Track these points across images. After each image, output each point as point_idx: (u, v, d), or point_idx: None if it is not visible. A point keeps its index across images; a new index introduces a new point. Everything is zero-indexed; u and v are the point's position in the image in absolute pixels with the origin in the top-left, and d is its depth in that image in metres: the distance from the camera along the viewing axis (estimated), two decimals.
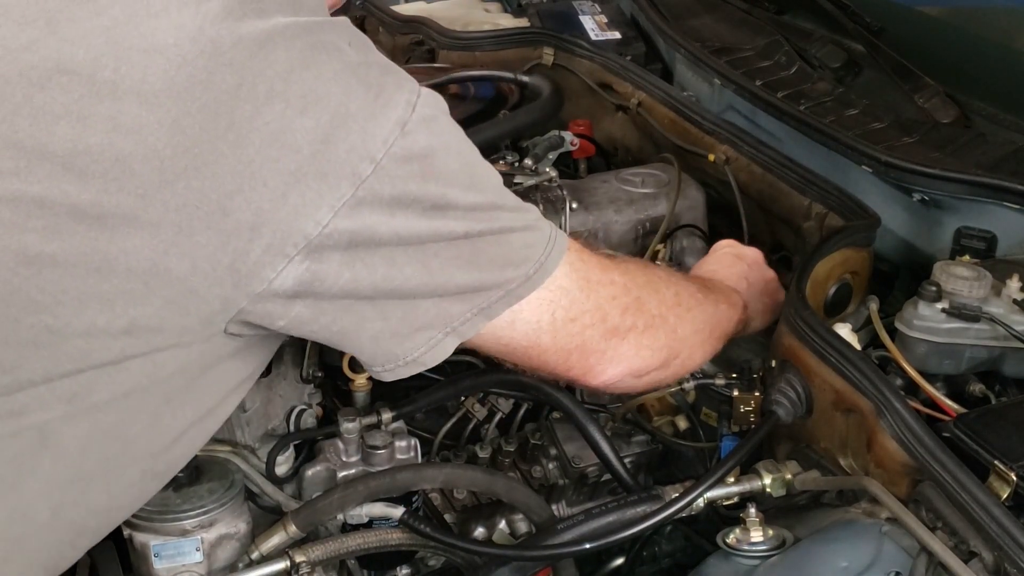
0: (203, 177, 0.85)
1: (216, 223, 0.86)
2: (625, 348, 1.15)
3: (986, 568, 1.02)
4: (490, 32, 2.27)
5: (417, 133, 0.91)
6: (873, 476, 1.15)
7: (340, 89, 0.88)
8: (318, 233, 0.88)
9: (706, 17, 2.24)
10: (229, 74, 0.84)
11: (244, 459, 1.31)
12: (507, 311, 1.03)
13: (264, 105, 0.85)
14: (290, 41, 0.87)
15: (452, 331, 1.01)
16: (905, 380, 1.25)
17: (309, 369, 1.38)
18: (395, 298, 0.96)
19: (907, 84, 1.79)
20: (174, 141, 0.84)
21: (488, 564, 1.23)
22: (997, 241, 1.51)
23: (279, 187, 0.86)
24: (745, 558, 1.14)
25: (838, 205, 1.55)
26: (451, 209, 0.96)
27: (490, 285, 1.01)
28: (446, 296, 0.99)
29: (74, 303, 0.86)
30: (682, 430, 1.49)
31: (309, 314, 0.94)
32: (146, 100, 0.83)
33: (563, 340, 1.09)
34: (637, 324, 1.15)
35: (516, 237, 1.02)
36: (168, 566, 1.19)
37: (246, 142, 0.85)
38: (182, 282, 0.88)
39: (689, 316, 1.23)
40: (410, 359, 1.02)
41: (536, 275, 1.03)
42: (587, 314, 1.10)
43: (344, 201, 0.88)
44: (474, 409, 1.56)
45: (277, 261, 0.89)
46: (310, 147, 0.87)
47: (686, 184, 1.70)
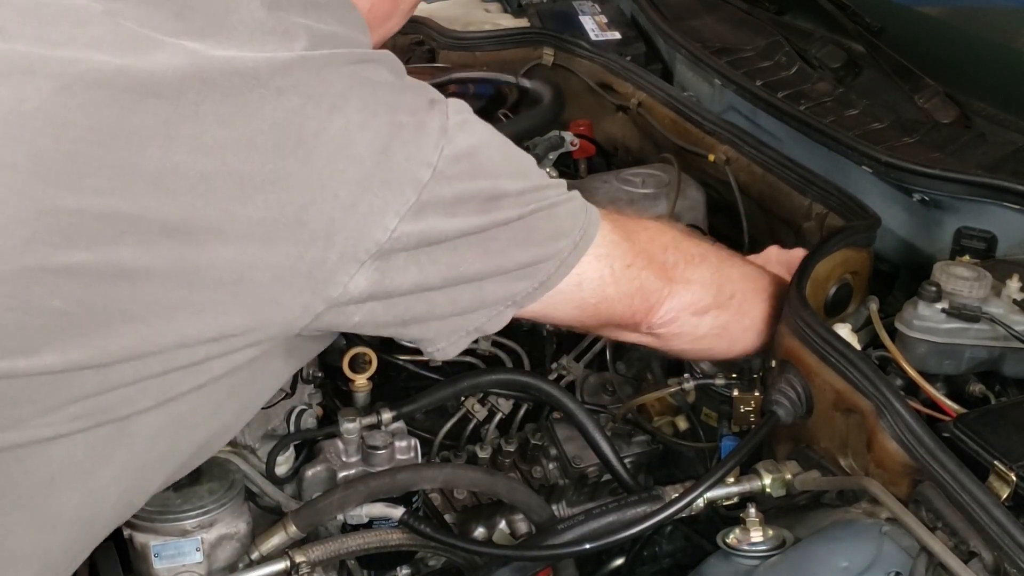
0: (279, 191, 0.91)
1: (294, 234, 0.92)
2: (675, 283, 1.23)
3: (986, 568, 1.02)
4: (490, 32, 2.27)
5: (458, 136, 1.00)
6: (873, 476, 1.15)
7: (389, 105, 0.96)
8: (387, 238, 0.95)
9: (706, 17, 2.24)
10: (295, 95, 0.92)
11: (244, 459, 1.31)
12: (573, 275, 1.11)
13: (327, 121, 0.93)
14: (343, 66, 0.96)
15: (513, 303, 1.09)
16: (905, 380, 1.25)
17: (309, 369, 1.38)
18: (462, 283, 1.04)
19: (907, 84, 1.79)
20: (250, 158, 0.90)
21: (488, 564, 1.23)
22: (997, 241, 1.51)
23: (348, 197, 0.93)
24: (745, 558, 1.14)
25: (838, 205, 1.55)
26: (503, 198, 1.03)
27: (546, 258, 1.09)
28: (509, 274, 1.06)
29: (165, 313, 0.92)
30: (682, 430, 1.49)
31: (382, 308, 1.01)
32: (224, 121, 0.90)
33: (625, 285, 1.18)
34: (679, 260, 1.24)
35: (561, 209, 1.10)
36: (168, 566, 1.20)
37: (314, 156, 0.92)
38: (265, 291, 0.94)
39: (732, 261, 1.33)
40: (472, 328, 1.09)
41: (582, 241, 1.11)
42: (639, 257, 1.19)
43: (409, 206, 0.96)
44: (474, 409, 1.56)
45: (351, 267, 0.95)
46: (372, 158, 0.94)
47: (686, 184, 1.70)
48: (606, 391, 1.60)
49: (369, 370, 1.38)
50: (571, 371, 1.61)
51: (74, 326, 0.89)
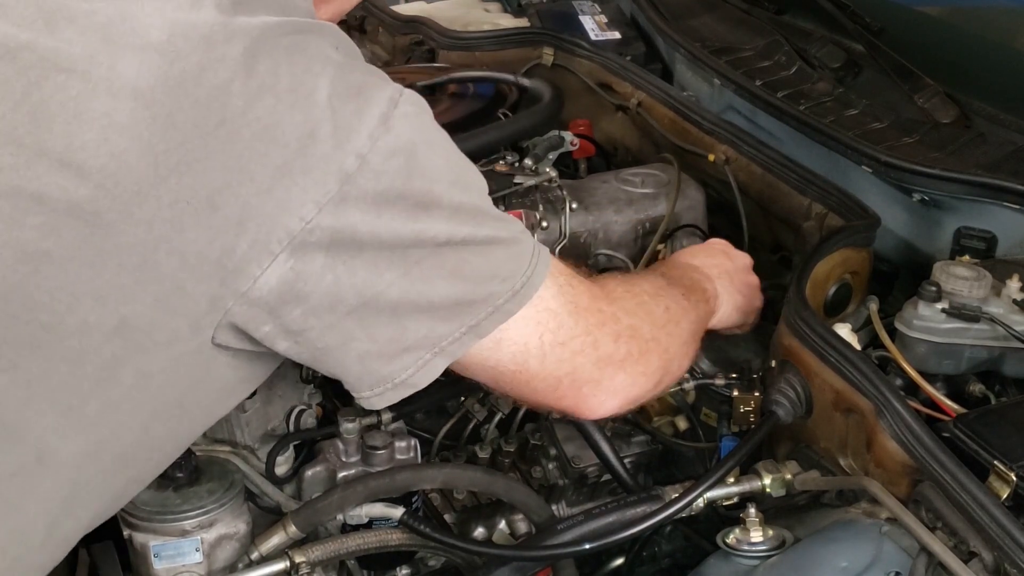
0: (194, 172, 0.85)
1: (205, 219, 0.86)
2: (622, 378, 1.13)
3: (986, 568, 1.02)
4: (490, 32, 2.27)
5: (400, 128, 0.92)
6: (873, 476, 1.15)
7: (327, 86, 0.89)
8: (301, 229, 0.88)
9: (706, 17, 2.24)
10: (221, 69, 0.85)
11: (244, 459, 1.31)
12: (494, 331, 1.01)
13: (255, 100, 0.86)
14: (279, 38, 0.88)
15: (441, 351, 1.00)
16: (905, 380, 1.25)
17: (309, 369, 1.38)
18: (380, 312, 0.95)
19: (907, 84, 1.79)
20: (167, 136, 0.84)
21: (488, 564, 1.22)
22: (997, 241, 1.51)
23: (265, 181, 0.87)
24: (745, 558, 1.14)
25: (838, 205, 1.55)
26: (435, 207, 0.95)
27: (477, 299, 0.99)
28: (433, 313, 0.97)
29: (68, 299, 0.87)
30: (682, 430, 1.48)
31: (294, 325, 0.93)
32: (141, 96, 0.84)
33: (552, 366, 1.06)
34: (632, 352, 1.13)
35: (500, 249, 1.01)
36: (168, 566, 1.19)
37: (236, 137, 0.86)
38: (171, 278, 0.88)
39: (678, 330, 1.21)
40: (398, 380, 1.00)
41: (523, 289, 1.01)
42: (576, 339, 1.07)
43: (329, 197, 0.89)
44: (474, 409, 1.56)
45: (262, 258, 0.89)
46: (297, 142, 0.87)
47: (686, 184, 1.70)
48: None
49: None
50: None
51: None
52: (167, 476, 1.20)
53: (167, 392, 0.96)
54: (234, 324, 0.93)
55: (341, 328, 0.95)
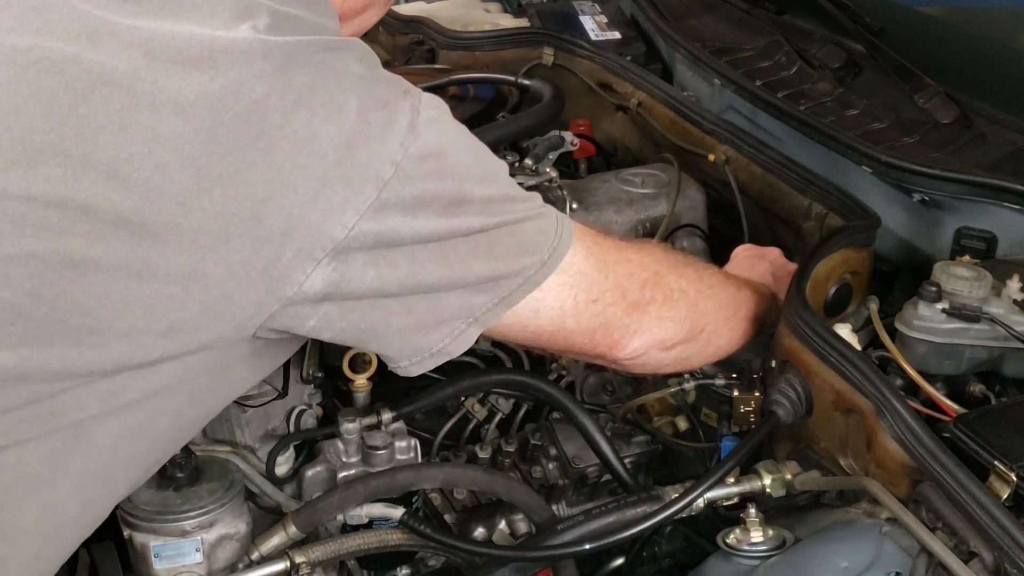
0: (237, 184, 0.89)
1: (250, 229, 0.90)
2: (647, 320, 1.18)
3: (986, 568, 1.02)
4: (490, 32, 2.27)
5: (427, 133, 0.96)
6: (873, 476, 1.15)
7: (355, 99, 0.93)
8: (344, 236, 0.92)
9: (706, 17, 2.24)
10: (259, 85, 0.89)
11: (244, 459, 1.31)
12: (531, 300, 1.07)
13: (292, 114, 0.90)
14: (311, 55, 0.93)
15: (475, 320, 1.05)
16: (905, 380, 1.25)
17: (309, 369, 1.38)
18: (419, 292, 1.00)
19: (907, 84, 1.79)
20: (209, 150, 0.88)
21: (488, 564, 1.23)
22: (997, 241, 1.51)
23: (308, 192, 0.91)
24: (745, 558, 1.14)
25: (838, 205, 1.55)
26: (468, 203, 1.00)
27: (509, 274, 1.04)
28: (468, 287, 1.02)
29: (116, 307, 0.90)
30: (682, 430, 1.48)
31: (338, 313, 0.98)
32: (182, 110, 0.87)
33: (587, 321, 1.13)
34: (656, 297, 1.19)
35: (529, 225, 1.06)
36: (168, 566, 1.19)
37: (276, 149, 0.89)
38: (218, 287, 0.91)
39: (711, 292, 1.27)
40: (435, 349, 1.05)
41: (551, 260, 1.07)
42: (608, 293, 1.14)
43: (369, 204, 0.93)
44: (474, 409, 1.56)
45: (306, 264, 0.92)
46: (335, 153, 0.91)
47: (686, 184, 1.70)
48: (606, 391, 1.60)
49: (369, 370, 1.38)
50: (571, 371, 1.60)
51: (24, 319, 0.88)
52: (167, 476, 1.20)
53: (203, 380, 1.00)
54: (276, 327, 0.97)
55: (382, 308, 0.99)
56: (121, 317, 0.90)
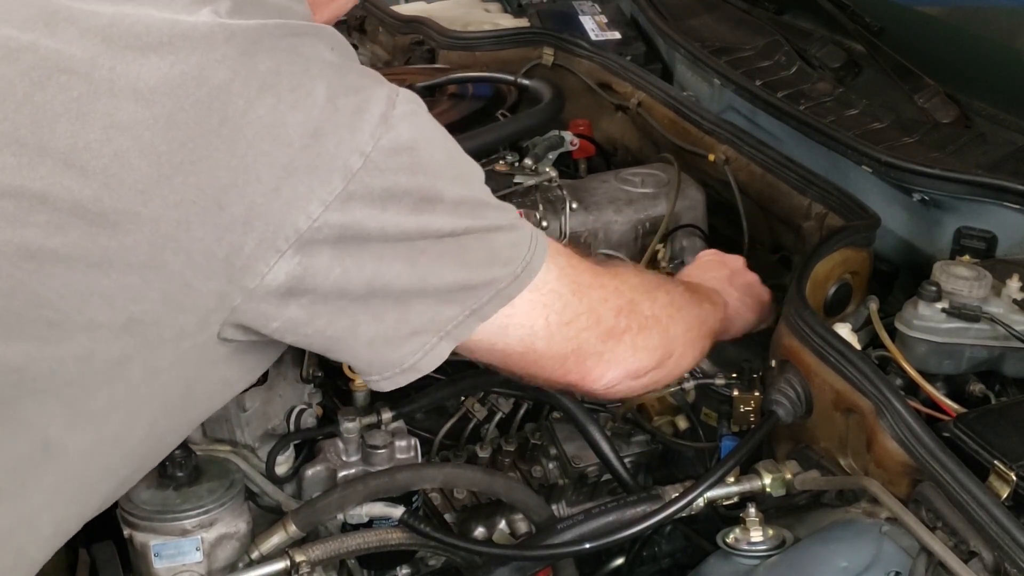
0: (199, 172, 0.86)
1: (212, 217, 0.87)
2: (622, 350, 1.15)
3: (986, 568, 1.02)
4: (490, 32, 2.28)
5: (400, 127, 0.93)
6: (873, 476, 1.15)
7: (325, 86, 0.90)
8: (308, 227, 0.89)
9: (706, 17, 2.24)
10: (221, 70, 0.87)
11: (244, 459, 1.31)
12: (500, 316, 1.03)
13: (256, 99, 0.87)
14: (277, 40, 0.90)
15: (446, 335, 1.01)
16: (905, 380, 1.25)
17: (309, 369, 1.38)
18: (387, 299, 0.96)
19: (907, 84, 1.79)
20: (169, 136, 0.85)
21: (488, 564, 1.23)
22: (997, 241, 1.51)
23: (272, 181, 0.88)
24: (745, 558, 1.14)
25: (838, 205, 1.55)
26: (439, 202, 0.96)
27: (479, 284, 1.01)
28: (437, 297, 0.99)
29: (76, 298, 0.88)
30: (682, 430, 1.48)
31: (303, 316, 0.94)
32: (141, 97, 0.85)
33: (558, 344, 1.09)
34: (631, 325, 1.15)
35: (501, 236, 1.03)
36: (168, 566, 1.19)
37: (239, 136, 0.87)
38: (178, 276, 0.89)
39: (680, 316, 1.23)
40: (407, 365, 1.01)
41: (524, 273, 1.03)
42: (581, 316, 1.10)
43: (335, 195, 0.89)
44: (474, 409, 1.56)
45: (269, 255, 0.89)
46: (301, 141, 0.88)
47: (686, 184, 1.70)
48: None
49: None
50: None
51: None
52: (167, 476, 1.20)
53: (174, 386, 0.97)
54: (241, 323, 0.94)
55: (349, 315, 0.96)
56: (80, 309, 0.88)
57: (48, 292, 0.87)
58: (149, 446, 1.03)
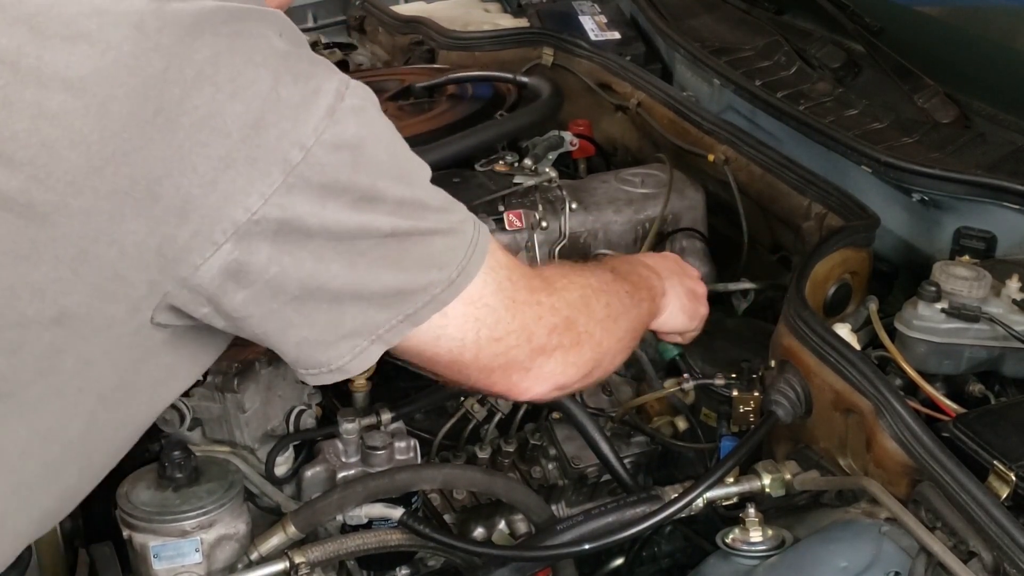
0: (132, 163, 0.84)
1: (145, 209, 0.85)
2: (551, 366, 1.13)
3: (985, 568, 1.02)
4: (490, 32, 2.28)
5: (346, 122, 0.90)
6: (872, 476, 1.15)
7: (270, 75, 0.87)
8: (247, 220, 0.87)
9: (706, 17, 2.24)
10: (156, 58, 0.84)
11: (243, 459, 1.31)
12: (433, 326, 1.01)
13: (193, 89, 0.84)
14: (218, 26, 0.86)
15: (378, 339, 0.99)
16: (905, 380, 1.25)
17: None
18: (321, 301, 0.94)
19: (907, 84, 1.79)
20: (101, 126, 0.83)
21: (487, 564, 1.22)
22: (997, 241, 1.51)
23: (208, 172, 0.85)
24: (744, 558, 1.14)
25: (838, 205, 1.55)
26: (380, 202, 0.94)
27: (414, 289, 0.99)
28: (372, 301, 0.97)
29: (5, 292, 0.86)
30: (681, 431, 1.48)
31: (235, 308, 0.92)
32: (71, 86, 0.83)
33: (486, 359, 1.07)
34: (564, 342, 1.13)
35: (439, 239, 1.00)
36: (167, 567, 1.19)
37: (175, 126, 0.84)
38: (109, 268, 0.87)
39: (615, 327, 1.21)
40: (335, 367, 0.99)
41: (459, 279, 1.01)
42: (512, 334, 1.07)
43: (274, 188, 0.87)
44: (473, 409, 1.56)
45: (205, 247, 0.87)
46: (240, 132, 0.86)
47: (685, 184, 1.70)
48: (605, 391, 1.60)
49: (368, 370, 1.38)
50: None
51: None
52: (166, 477, 1.20)
53: (110, 376, 0.95)
54: (172, 305, 0.92)
55: (281, 315, 0.94)
56: (10, 303, 0.86)
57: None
58: (91, 441, 1.00)
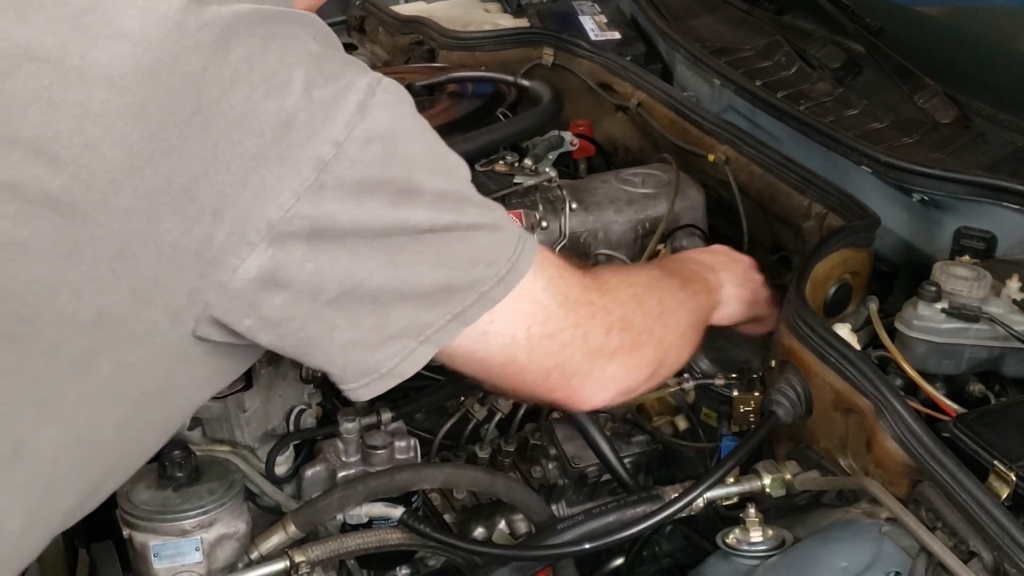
0: (170, 162, 0.85)
1: (181, 208, 0.86)
2: (613, 369, 1.11)
3: (985, 568, 1.02)
4: (490, 32, 2.27)
5: (377, 115, 0.90)
6: (873, 476, 1.15)
7: (302, 75, 0.88)
8: (280, 218, 0.87)
9: (706, 17, 2.24)
10: (195, 58, 0.85)
11: (244, 459, 1.31)
12: (481, 322, 0.99)
13: (230, 88, 0.86)
14: (253, 27, 0.88)
15: (426, 339, 0.98)
16: (905, 380, 1.25)
17: (309, 369, 1.38)
18: (363, 301, 0.93)
19: (907, 84, 1.79)
20: (141, 126, 0.84)
21: (488, 564, 1.22)
22: (997, 241, 1.51)
23: (241, 171, 0.86)
24: (745, 558, 1.14)
25: (838, 205, 1.55)
26: (417, 195, 0.93)
27: (461, 286, 0.97)
28: (418, 301, 0.96)
29: (44, 291, 0.86)
30: (682, 430, 1.49)
31: (276, 314, 0.92)
32: (113, 85, 0.84)
33: (540, 358, 1.05)
34: (624, 344, 1.11)
35: (484, 235, 0.99)
36: (168, 566, 1.19)
37: (211, 125, 0.85)
38: (147, 269, 0.87)
39: (673, 322, 1.20)
40: (384, 371, 0.98)
41: (509, 276, 0.99)
42: (566, 331, 1.06)
43: (307, 185, 0.87)
44: (474, 409, 1.56)
45: (241, 248, 0.88)
46: (272, 131, 0.86)
47: (686, 184, 1.70)
48: None
49: None
50: None
51: None
52: (167, 476, 1.20)
53: (145, 382, 0.95)
54: (215, 318, 0.92)
55: (323, 317, 0.93)
56: (48, 302, 0.86)
57: (17, 286, 0.85)
58: (121, 444, 1.00)
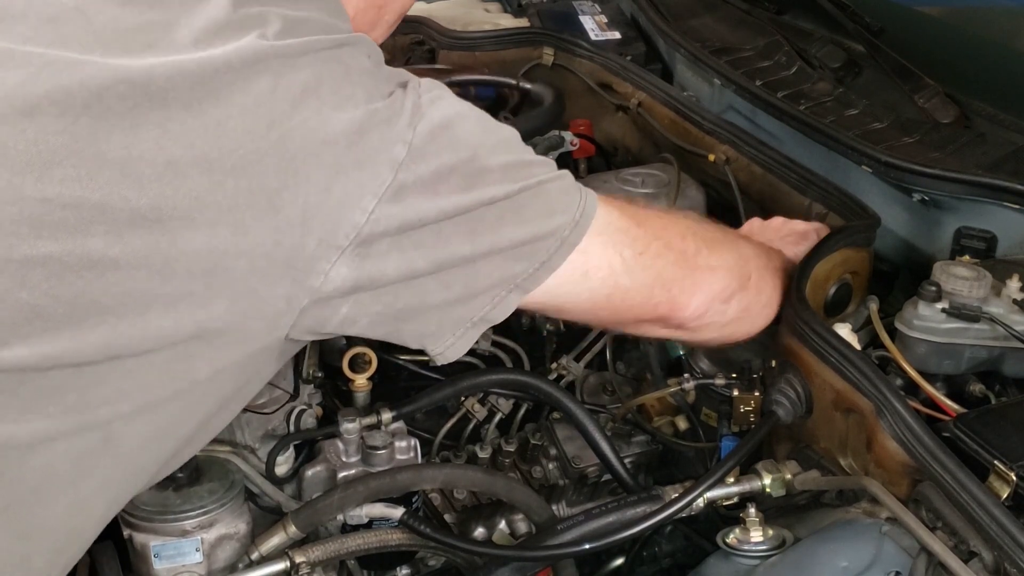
0: (250, 176, 0.89)
1: (268, 221, 0.90)
2: (699, 273, 1.19)
3: (986, 568, 1.02)
4: (490, 32, 2.27)
5: (431, 111, 0.98)
6: (873, 476, 1.15)
7: (363, 90, 0.95)
8: (366, 220, 0.93)
9: (706, 17, 2.24)
10: (266, 77, 0.91)
11: (244, 459, 1.31)
12: (576, 264, 1.06)
13: (300, 103, 0.92)
14: (318, 51, 0.95)
15: (516, 287, 1.04)
16: (905, 380, 1.25)
17: (309, 369, 1.38)
18: (454, 267, 1.00)
19: (907, 84, 1.79)
20: (220, 144, 0.88)
21: (488, 564, 1.23)
22: (997, 241, 1.51)
23: (322, 181, 0.92)
24: (745, 558, 1.14)
25: (838, 205, 1.55)
26: (487, 173, 1.00)
27: (543, 235, 1.04)
28: (506, 254, 1.02)
29: (138, 306, 0.89)
30: (682, 430, 1.49)
31: (369, 298, 0.97)
32: (190, 107, 0.88)
33: (640, 275, 1.13)
34: (701, 247, 1.19)
35: (552, 186, 1.06)
36: (168, 566, 1.20)
37: (287, 139, 0.90)
38: (242, 282, 0.92)
39: (743, 241, 1.30)
40: (476, 318, 1.05)
41: (583, 219, 1.06)
42: (652, 244, 1.14)
43: (386, 186, 0.94)
44: (474, 409, 1.56)
45: (330, 253, 0.93)
46: (346, 139, 0.92)
47: (686, 184, 1.70)
48: (606, 391, 1.60)
49: (369, 370, 1.38)
50: (571, 371, 1.61)
51: (43, 319, 0.87)
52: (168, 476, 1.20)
53: (232, 383, 1.01)
54: (310, 325, 0.97)
55: (416, 287, 0.99)
56: (144, 317, 0.90)
57: (110, 300, 0.89)
58: (197, 436, 1.06)
